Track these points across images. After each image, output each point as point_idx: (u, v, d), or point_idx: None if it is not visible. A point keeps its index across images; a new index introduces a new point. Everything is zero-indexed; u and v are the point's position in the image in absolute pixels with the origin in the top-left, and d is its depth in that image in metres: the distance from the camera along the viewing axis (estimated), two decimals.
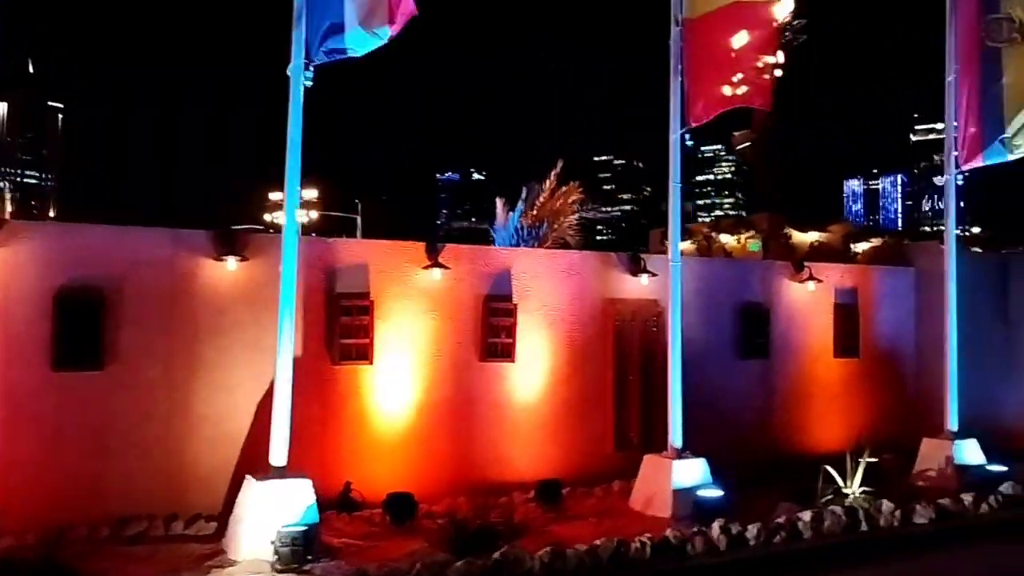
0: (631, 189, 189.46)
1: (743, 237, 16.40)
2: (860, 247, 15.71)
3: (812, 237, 16.51)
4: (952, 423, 11.58)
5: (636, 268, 11.44)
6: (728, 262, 13.21)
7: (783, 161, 18.95)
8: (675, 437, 9.89)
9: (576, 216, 16.00)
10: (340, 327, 9.64)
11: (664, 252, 10.46)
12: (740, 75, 9.85)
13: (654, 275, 11.44)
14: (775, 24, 9.86)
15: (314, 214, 36.30)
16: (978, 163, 11.60)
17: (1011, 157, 11.45)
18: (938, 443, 11.54)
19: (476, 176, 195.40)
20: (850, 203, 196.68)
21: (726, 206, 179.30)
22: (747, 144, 17.97)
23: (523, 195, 15.67)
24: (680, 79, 9.99)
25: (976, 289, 14.03)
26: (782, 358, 12.63)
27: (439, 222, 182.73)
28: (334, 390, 9.66)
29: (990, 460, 11.33)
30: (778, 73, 18.60)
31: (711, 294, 12.13)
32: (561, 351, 11.06)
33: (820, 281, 12.69)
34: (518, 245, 15.31)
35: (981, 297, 13.97)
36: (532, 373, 10.83)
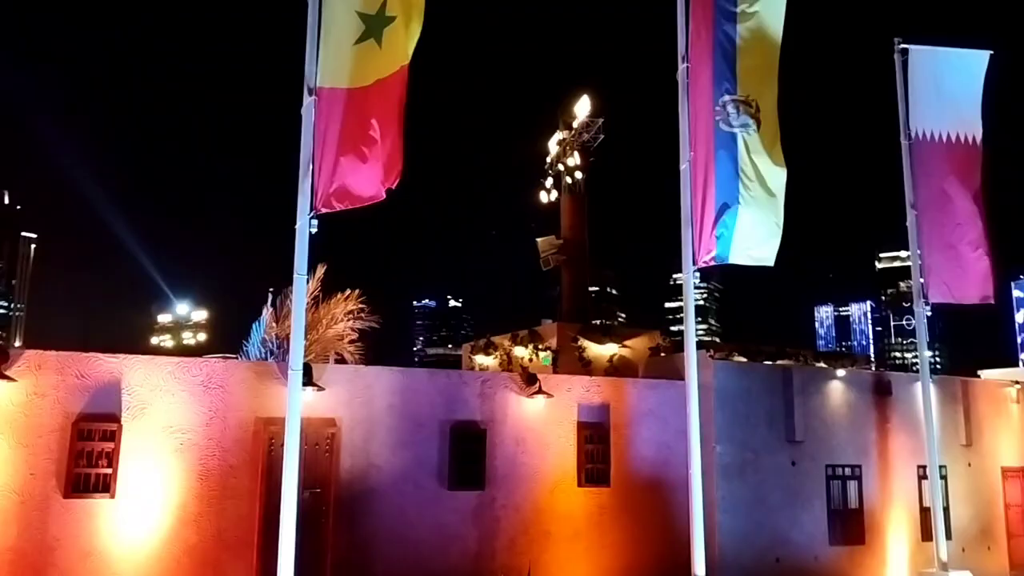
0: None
1: (529, 350, 14.61)
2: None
3: (611, 350, 14.67)
4: (699, 568, 9.48)
5: (304, 380, 9.52)
6: (434, 373, 11.27)
7: (585, 271, 17.35)
8: None
9: (344, 327, 14.12)
10: None
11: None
12: (377, 157, 8.35)
13: (321, 389, 9.60)
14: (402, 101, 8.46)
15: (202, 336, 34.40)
16: (711, 262, 10.01)
17: (737, 261, 9.87)
18: None
19: (453, 303, 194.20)
20: (824, 329, 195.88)
21: (699, 332, 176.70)
22: (552, 251, 16.48)
23: (269, 303, 13.76)
24: (311, 159, 8.35)
25: (758, 405, 12.17)
26: (506, 488, 10.53)
27: (415, 348, 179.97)
28: None
29: None
30: (579, 175, 17.46)
31: (410, 411, 10.19)
32: (190, 484, 9.01)
33: (550, 396, 10.76)
34: (266, 359, 13.39)
35: (764, 414, 12.08)
36: (142, 512, 8.75)
